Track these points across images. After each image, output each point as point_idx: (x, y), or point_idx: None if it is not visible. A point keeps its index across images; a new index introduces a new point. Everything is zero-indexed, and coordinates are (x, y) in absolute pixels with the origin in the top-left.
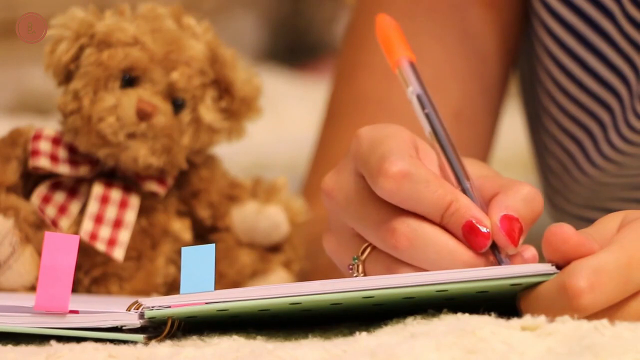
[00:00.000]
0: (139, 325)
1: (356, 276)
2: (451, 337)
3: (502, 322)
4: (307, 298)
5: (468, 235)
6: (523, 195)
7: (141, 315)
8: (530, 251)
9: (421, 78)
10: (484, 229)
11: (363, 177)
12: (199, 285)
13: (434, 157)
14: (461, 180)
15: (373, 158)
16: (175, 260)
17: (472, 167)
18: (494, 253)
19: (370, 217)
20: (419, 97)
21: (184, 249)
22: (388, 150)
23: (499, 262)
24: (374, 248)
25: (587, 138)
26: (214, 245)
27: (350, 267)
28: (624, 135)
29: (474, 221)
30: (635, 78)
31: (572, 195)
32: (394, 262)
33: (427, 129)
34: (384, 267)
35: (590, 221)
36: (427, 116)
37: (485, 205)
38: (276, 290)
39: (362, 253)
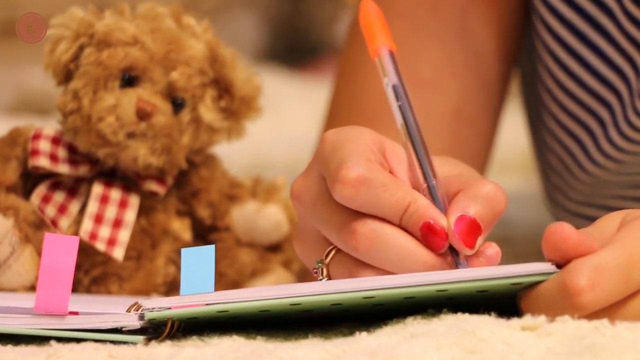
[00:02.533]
0: (138, 327)
1: (321, 279)
2: (451, 337)
3: (502, 322)
4: (308, 299)
5: (426, 236)
6: (483, 194)
7: (141, 317)
8: (493, 248)
9: (399, 69)
10: (440, 230)
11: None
12: (198, 287)
13: (402, 157)
14: (427, 178)
15: (332, 163)
16: (175, 260)
17: (445, 165)
18: (452, 254)
19: (332, 219)
20: (394, 88)
21: (183, 251)
22: (346, 156)
23: (456, 264)
24: (338, 251)
25: (587, 136)
26: (213, 246)
27: (315, 270)
28: (624, 132)
29: (431, 222)
30: (635, 76)
31: (572, 192)
32: (356, 265)
33: (399, 121)
34: (346, 270)
35: (590, 219)
36: (400, 108)
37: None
38: (276, 291)
39: (326, 256)
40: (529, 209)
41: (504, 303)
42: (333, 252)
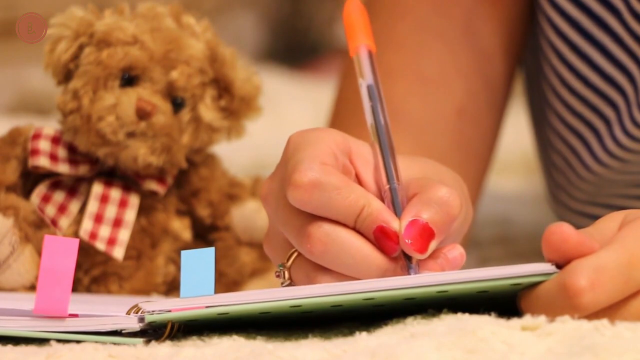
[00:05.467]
0: (138, 330)
1: (282, 282)
2: (451, 337)
3: (502, 322)
4: (308, 301)
5: (379, 239)
6: (436, 198)
7: (141, 319)
8: (457, 250)
9: (376, 69)
10: (392, 234)
11: None
12: (199, 289)
13: (369, 158)
14: (390, 180)
15: (289, 166)
16: (175, 260)
17: (414, 166)
18: (404, 258)
19: (290, 222)
20: (369, 89)
21: (183, 253)
22: (300, 159)
23: (407, 269)
24: (299, 254)
25: (591, 134)
26: (213, 248)
27: (277, 273)
28: (629, 131)
29: (384, 225)
30: None
31: (575, 191)
32: (315, 269)
33: (369, 121)
34: (305, 273)
35: (593, 217)
36: (372, 109)
37: None
38: (276, 293)
39: (288, 259)
40: (529, 209)
41: (504, 303)
42: (295, 255)
